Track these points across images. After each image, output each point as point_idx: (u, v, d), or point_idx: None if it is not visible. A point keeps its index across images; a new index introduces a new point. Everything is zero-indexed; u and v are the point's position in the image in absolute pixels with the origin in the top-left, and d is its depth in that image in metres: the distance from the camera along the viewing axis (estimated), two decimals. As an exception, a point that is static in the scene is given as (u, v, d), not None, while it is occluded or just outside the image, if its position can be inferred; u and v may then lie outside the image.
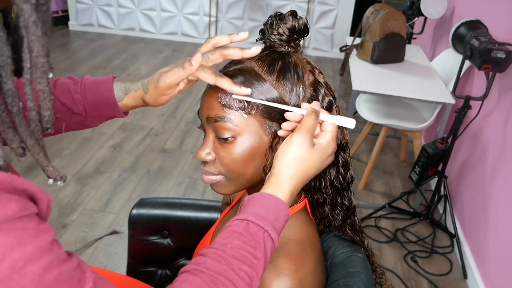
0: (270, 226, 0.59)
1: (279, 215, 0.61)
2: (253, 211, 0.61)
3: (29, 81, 0.41)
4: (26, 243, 0.38)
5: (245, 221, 0.60)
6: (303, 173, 0.64)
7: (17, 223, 0.38)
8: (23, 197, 0.39)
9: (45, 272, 0.39)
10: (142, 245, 1.17)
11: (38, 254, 0.39)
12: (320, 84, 0.72)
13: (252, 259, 0.57)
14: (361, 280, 0.74)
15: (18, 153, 0.41)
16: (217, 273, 0.55)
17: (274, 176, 0.64)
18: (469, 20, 2.11)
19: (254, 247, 0.58)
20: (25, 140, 0.42)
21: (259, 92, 0.67)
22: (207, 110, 0.69)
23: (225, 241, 0.58)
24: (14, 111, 0.41)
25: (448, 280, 2.02)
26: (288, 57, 0.71)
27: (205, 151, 0.71)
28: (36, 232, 0.40)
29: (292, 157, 0.63)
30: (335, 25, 4.76)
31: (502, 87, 1.96)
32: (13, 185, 0.38)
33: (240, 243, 0.58)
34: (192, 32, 4.97)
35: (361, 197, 2.52)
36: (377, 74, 2.41)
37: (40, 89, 0.42)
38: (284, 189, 0.63)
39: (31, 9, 0.38)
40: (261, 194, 0.63)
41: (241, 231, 0.59)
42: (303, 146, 0.63)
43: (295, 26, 0.70)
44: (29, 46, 0.40)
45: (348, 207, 0.79)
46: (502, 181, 1.85)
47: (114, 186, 2.46)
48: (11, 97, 0.41)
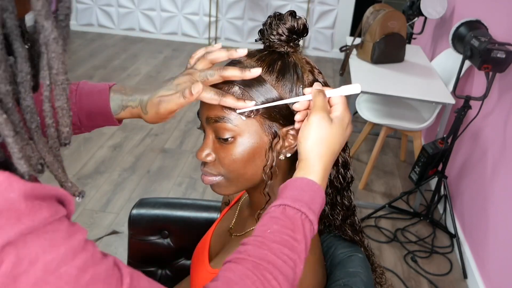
0: (306, 208, 0.59)
1: (314, 196, 0.61)
2: (287, 195, 0.61)
3: (48, 98, 0.41)
4: (58, 245, 0.38)
5: (282, 206, 0.60)
6: (329, 149, 0.64)
7: (48, 227, 0.38)
8: (53, 202, 0.39)
9: (80, 272, 0.39)
10: (142, 245, 1.17)
11: (72, 255, 0.39)
12: (320, 84, 0.72)
13: (293, 242, 0.57)
14: (361, 280, 0.74)
15: (36, 169, 0.41)
16: (260, 259, 0.55)
17: (302, 161, 0.64)
18: (469, 20, 2.11)
19: (293, 230, 0.58)
20: (43, 156, 0.41)
21: (259, 93, 0.67)
22: (207, 110, 0.69)
23: (264, 228, 0.58)
24: (33, 127, 0.41)
25: (448, 280, 2.02)
26: (287, 57, 0.71)
27: (205, 152, 0.71)
28: (68, 233, 0.39)
29: (314, 138, 0.63)
30: (335, 25, 4.76)
31: (502, 87, 1.96)
32: (42, 192, 0.38)
33: (279, 227, 0.58)
34: (192, 32, 4.97)
35: (361, 197, 2.52)
36: (377, 74, 2.41)
37: (59, 106, 0.42)
38: (315, 170, 0.63)
39: (52, 26, 0.38)
40: (294, 179, 0.63)
41: (279, 216, 0.59)
42: (323, 124, 0.63)
43: (294, 26, 0.70)
44: (48, 63, 0.39)
45: (348, 207, 0.79)
46: (502, 181, 1.85)
47: (114, 186, 2.46)
48: (30, 114, 0.40)
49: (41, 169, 0.41)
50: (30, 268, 0.36)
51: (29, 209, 0.36)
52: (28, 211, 0.36)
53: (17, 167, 0.38)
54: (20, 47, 0.39)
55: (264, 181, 0.71)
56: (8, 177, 0.36)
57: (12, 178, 0.36)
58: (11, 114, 0.38)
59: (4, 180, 0.35)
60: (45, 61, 0.39)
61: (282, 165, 0.73)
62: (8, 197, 0.35)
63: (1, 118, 0.36)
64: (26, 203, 0.36)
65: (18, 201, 0.35)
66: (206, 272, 0.81)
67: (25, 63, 0.39)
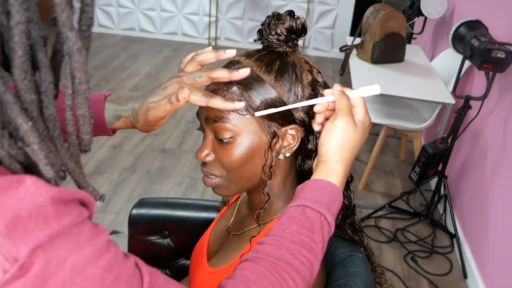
0: (326, 210, 0.60)
1: (333, 198, 0.61)
2: (307, 196, 0.61)
3: (70, 107, 0.42)
4: (83, 246, 0.39)
5: (301, 206, 0.60)
6: (350, 154, 0.64)
7: (73, 229, 0.38)
8: (77, 205, 0.40)
9: (105, 273, 0.40)
10: (142, 245, 1.17)
11: (97, 256, 0.40)
12: (319, 83, 0.72)
13: (311, 243, 0.57)
14: (361, 280, 0.74)
15: (59, 176, 0.41)
16: (277, 259, 0.56)
17: (323, 163, 0.64)
18: (469, 20, 2.11)
19: (312, 231, 0.58)
20: (65, 163, 0.42)
21: (257, 93, 0.67)
22: (206, 111, 0.69)
23: (282, 227, 0.59)
24: (55, 135, 0.41)
25: (448, 280, 2.02)
26: (286, 57, 0.71)
27: (204, 152, 0.71)
28: (91, 235, 0.40)
29: (338, 141, 0.63)
30: (335, 25, 4.76)
31: (502, 87, 1.96)
32: (67, 195, 0.39)
33: (298, 228, 0.58)
34: (192, 32, 4.97)
35: (361, 197, 2.52)
36: (377, 74, 2.41)
37: (80, 114, 0.42)
38: (336, 173, 0.63)
39: (76, 36, 0.38)
40: (314, 181, 0.63)
41: (298, 216, 0.59)
42: (348, 129, 0.63)
43: (292, 26, 0.70)
44: (71, 72, 0.40)
45: (347, 207, 0.79)
46: (502, 181, 1.85)
47: (114, 186, 2.46)
48: (53, 122, 0.41)
49: (64, 175, 0.42)
50: (58, 270, 0.36)
51: (56, 212, 0.37)
52: (55, 214, 0.37)
53: (44, 173, 0.39)
54: (44, 57, 0.39)
55: (263, 181, 0.71)
56: (36, 181, 0.36)
57: (39, 182, 0.37)
58: (36, 122, 0.39)
59: (32, 184, 0.36)
60: (68, 71, 0.40)
61: (282, 165, 0.73)
62: (37, 201, 0.36)
63: (26, 126, 0.37)
64: (53, 207, 0.37)
65: (46, 205, 0.36)
66: (205, 272, 0.81)
67: (48, 73, 0.40)
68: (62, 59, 0.41)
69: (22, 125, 0.37)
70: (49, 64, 0.40)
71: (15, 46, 0.36)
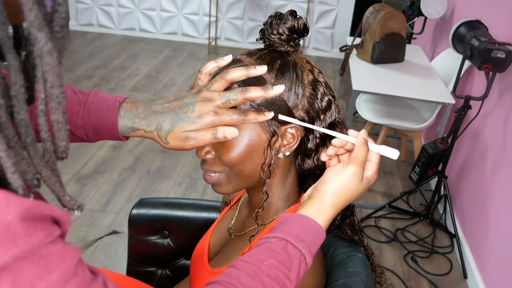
0: (307, 250, 0.60)
1: (316, 239, 0.61)
2: (292, 232, 0.61)
3: (43, 112, 0.40)
4: (52, 270, 0.38)
5: (284, 240, 0.60)
6: (346, 202, 0.65)
7: (42, 251, 0.37)
8: (49, 223, 0.39)
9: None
10: (142, 245, 1.17)
11: (65, 281, 0.39)
12: (320, 83, 0.72)
13: (285, 280, 0.57)
14: (360, 280, 0.74)
15: (32, 184, 0.40)
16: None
17: (317, 200, 0.64)
18: (469, 20, 2.11)
19: (289, 269, 0.58)
20: (40, 171, 0.40)
21: None
22: None
23: (261, 257, 0.59)
24: (28, 141, 0.39)
25: (448, 280, 2.02)
26: (287, 56, 0.71)
27: (204, 149, 0.71)
28: (61, 257, 0.39)
29: (340, 187, 0.64)
30: (335, 25, 4.76)
31: (502, 87, 1.96)
32: (38, 212, 0.37)
33: (276, 263, 0.58)
34: (192, 32, 4.97)
35: (361, 197, 2.52)
36: (377, 74, 2.41)
37: (54, 120, 0.40)
38: (325, 216, 0.63)
39: (46, 37, 0.36)
40: (301, 216, 0.63)
41: (279, 251, 0.59)
42: (355, 180, 0.64)
43: (294, 25, 0.70)
44: (43, 76, 0.38)
45: (347, 207, 0.79)
46: (502, 181, 1.85)
47: (114, 186, 2.46)
48: (25, 127, 0.39)
49: (38, 184, 0.40)
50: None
51: (25, 231, 0.35)
52: (23, 233, 0.35)
53: (11, 181, 0.37)
54: (13, 59, 0.38)
55: (262, 179, 0.72)
56: (5, 197, 0.34)
57: (9, 197, 0.35)
58: (4, 128, 0.37)
59: (1, 200, 0.34)
60: (40, 74, 0.38)
61: (281, 163, 0.74)
62: (5, 219, 0.34)
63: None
64: (22, 225, 0.35)
65: (14, 223, 0.35)
66: (205, 272, 0.81)
67: (18, 76, 0.38)
68: (35, 62, 0.39)
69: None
70: (20, 67, 0.38)
71: None
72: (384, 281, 0.89)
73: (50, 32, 0.37)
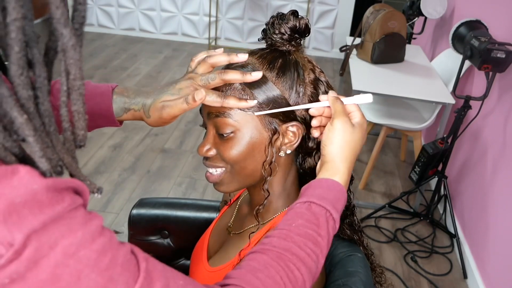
0: (331, 206, 0.61)
1: (338, 196, 0.63)
2: (313, 193, 0.63)
3: (65, 103, 0.43)
4: (76, 230, 0.39)
5: (307, 202, 0.62)
6: (352, 152, 0.67)
7: (66, 215, 0.39)
8: (70, 193, 0.41)
9: (100, 255, 0.40)
10: (142, 245, 1.16)
11: (90, 239, 0.40)
12: (321, 82, 0.73)
13: (317, 237, 0.59)
14: (360, 279, 0.74)
15: (56, 171, 0.42)
16: (284, 250, 0.57)
17: (327, 163, 0.66)
18: (469, 20, 2.11)
19: (318, 226, 0.60)
20: (62, 158, 0.43)
21: (260, 89, 0.68)
22: (208, 106, 0.70)
23: (288, 222, 0.60)
24: (51, 130, 0.42)
25: (448, 280, 2.02)
26: (288, 55, 0.72)
27: (206, 147, 0.72)
28: (85, 219, 0.41)
29: (339, 141, 0.66)
30: (335, 25, 4.76)
31: (502, 87, 1.96)
32: (62, 184, 0.40)
33: (304, 222, 0.59)
34: (192, 32, 4.97)
35: (361, 197, 2.52)
36: (377, 74, 2.41)
37: (75, 110, 0.44)
38: (340, 172, 0.65)
39: (71, 33, 0.40)
40: (319, 179, 0.65)
41: (304, 211, 0.61)
42: (346, 129, 0.66)
43: (296, 25, 0.71)
44: (66, 69, 0.41)
45: (347, 207, 0.79)
46: (502, 181, 1.85)
47: (114, 186, 2.46)
48: (48, 117, 0.42)
49: (61, 170, 0.43)
50: (50, 252, 0.37)
51: (50, 200, 0.38)
52: (49, 201, 0.38)
53: (39, 165, 0.40)
54: (38, 53, 0.41)
55: (263, 178, 0.72)
56: (30, 171, 0.38)
57: (33, 172, 0.38)
58: (33, 117, 0.40)
59: (26, 173, 0.37)
60: (63, 67, 0.41)
61: (282, 162, 0.74)
62: (32, 189, 0.37)
63: (22, 119, 0.38)
64: (47, 194, 0.38)
65: (40, 192, 0.37)
66: (205, 271, 0.81)
67: (42, 68, 0.41)
68: (55, 57, 0.42)
69: (17, 118, 0.38)
70: (43, 60, 0.41)
71: (12, 42, 0.37)
72: (384, 281, 0.89)
73: (74, 28, 0.40)
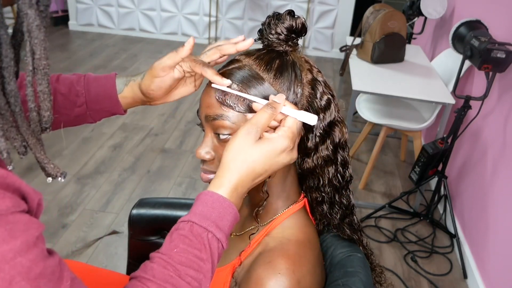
0: (214, 226, 0.59)
1: (223, 213, 0.60)
2: (196, 211, 0.61)
3: (30, 83, 0.43)
4: (16, 236, 0.40)
5: (190, 222, 0.60)
6: (249, 168, 0.62)
7: (9, 217, 0.40)
8: (17, 196, 0.41)
9: (32, 265, 0.41)
10: (142, 245, 1.17)
11: (26, 248, 0.41)
12: (319, 82, 0.72)
13: (199, 262, 0.58)
14: (360, 280, 0.74)
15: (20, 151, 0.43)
16: (164, 281, 0.55)
17: (220, 167, 0.64)
18: (469, 20, 2.11)
19: (200, 250, 0.58)
20: (27, 139, 0.44)
21: (257, 91, 0.68)
22: (206, 108, 0.70)
23: (171, 245, 0.59)
24: (17, 111, 0.43)
25: (448, 280, 2.02)
26: (286, 55, 0.71)
27: (204, 149, 0.71)
28: (26, 226, 0.42)
29: (235, 150, 0.62)
30: (335, 25, 4.76)
31: (502, 87, 1.96)
32: (8, 182, 0.40)
33: (186, 247, 0.58)
34: (192, 32, 4.97)
35: (361, 197, 2.52)
36: (377, 74, 2.41)
37: (40, 90, 0.44)
38: (226, 184, 0.62)
39: (35, 14, 0.41)
40: (206, 192, 0.62)
41: (186, 234, 0.59)
42: (246, 140, 0.62)
43: (292, 25, 0.70)
44: (31, 49, 0.42)
45: (346, 206, 0.79)
46: (502, 181, 1.85)
47: (114, 186, 2.46)
48: (14, 97, 0.42)
49: (25, 150, 0.44)
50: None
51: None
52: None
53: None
54: (5, 34, 0.41)
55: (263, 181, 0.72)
56: None
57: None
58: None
59: None
60: (28, 48, 0.42)
61: None
62: None
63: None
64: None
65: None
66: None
67: (9, 49, 0.41)
68: (22, 38, 0.43)
69: None
70: (10, 42, 0.42)
71: None
72: (384, 280, 0.89)
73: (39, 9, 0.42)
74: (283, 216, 0.75)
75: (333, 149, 0.74)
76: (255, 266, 0.68)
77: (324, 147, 0.73)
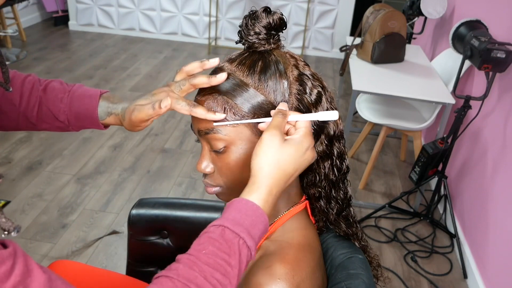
0: (246, 233, 0.58)
1: (256, 222, 0.59)
2: (229, 217, 0.59)
3: None
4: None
5: (221, 227, 0.58)
6: (280, 170, 0.62)
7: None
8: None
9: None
10: (141, 245, 1.17)
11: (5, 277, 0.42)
12: (306, 76, 0.70)
13: (226, 267, 0.56)
14: (363, 282, 0.74)
15: None
16: (189, 280, 0.54)
17: (251, 177, 0.62)
18: (469, 20, 2.11)
19: (229, 254, 0.57)
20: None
21: (243, 99, 0.66)
22: (197, 123, 0.69)
23: (199, 247, 0.57)
24: None
25: (448, 280, 2.02)
26: (268, 56, 0.69)
27: (203, 163, 0.71)
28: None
29: (264, 155, 0.61)
30: (335, 25, 4.76)
31: (502, 87, 1.96)
32: None
33: (215, 250, 0.57)
34: (192, 32, 4.97)
35: (361, 197, 2.52)
36: (377, 74, 2.41)
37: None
38: (260, 190, 0.61)
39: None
40: (239, 200, 0.61)
41: (216, 238, 0.58)
42: (274, 142, 0.61)
43: (270, 22, 0.68)
44: None
45: (343, 200, 0.78)
46: (502, 181, 1.85)
47: (114, 186, 2.46)
48: None
49: None
50: None
51: None
52: None
53: None
54: None
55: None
56: None
57: None
58: None
59: None
60: None
61: None
62: None
63: None
64: None
65: None
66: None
67: None
68: None
69: None
70: None
71: None
72: (381, 274, 0.88)
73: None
74: (284, 218, 0.75)
75: (329, 143, 0.73)
76: (254, 271, 0.67)
77: (318, 143, 0.72)
